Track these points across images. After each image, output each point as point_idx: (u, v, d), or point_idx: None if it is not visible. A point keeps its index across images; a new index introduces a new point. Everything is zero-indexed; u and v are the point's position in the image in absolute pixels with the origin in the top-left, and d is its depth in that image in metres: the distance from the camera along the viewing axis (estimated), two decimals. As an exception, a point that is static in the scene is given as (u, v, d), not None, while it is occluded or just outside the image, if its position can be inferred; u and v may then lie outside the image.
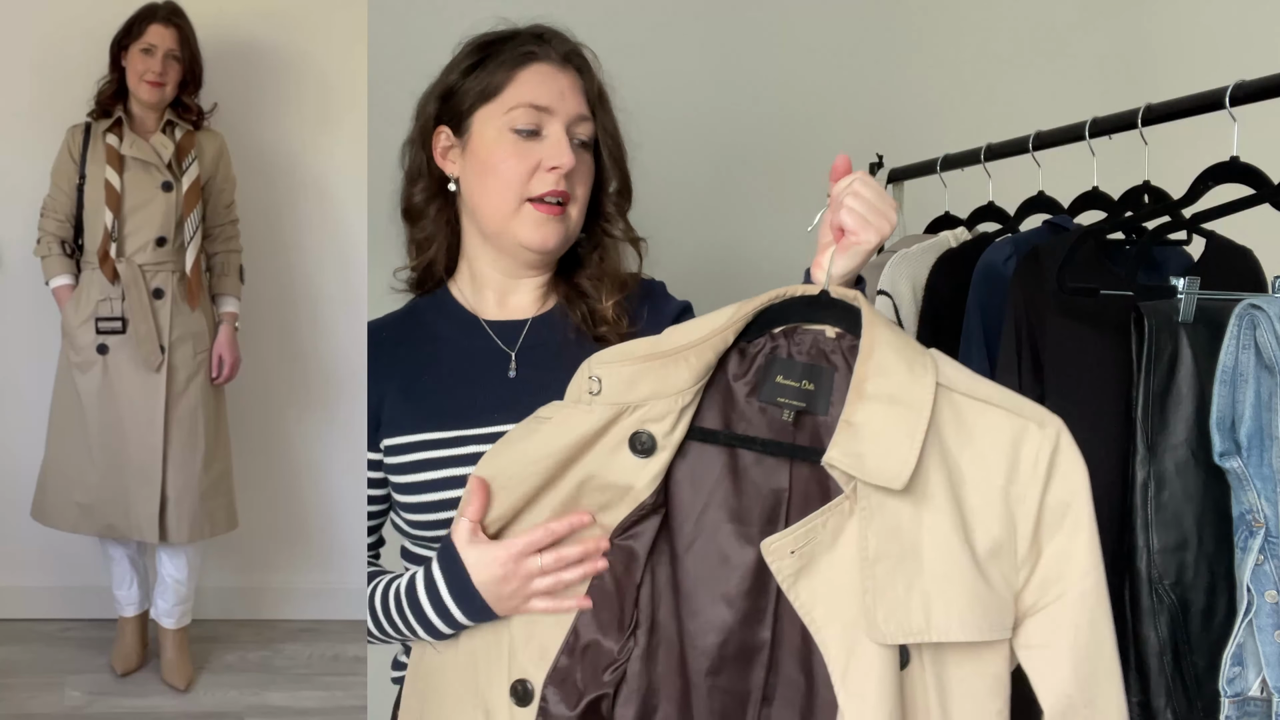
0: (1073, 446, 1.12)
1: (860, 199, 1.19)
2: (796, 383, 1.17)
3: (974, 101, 2.52)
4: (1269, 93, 1.35)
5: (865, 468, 1.08)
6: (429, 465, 1.36)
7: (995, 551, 1.09)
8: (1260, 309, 1.30)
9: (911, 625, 1.06)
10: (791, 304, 1.20)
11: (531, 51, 1.40)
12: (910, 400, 1.10)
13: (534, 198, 1.38)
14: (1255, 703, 1.33)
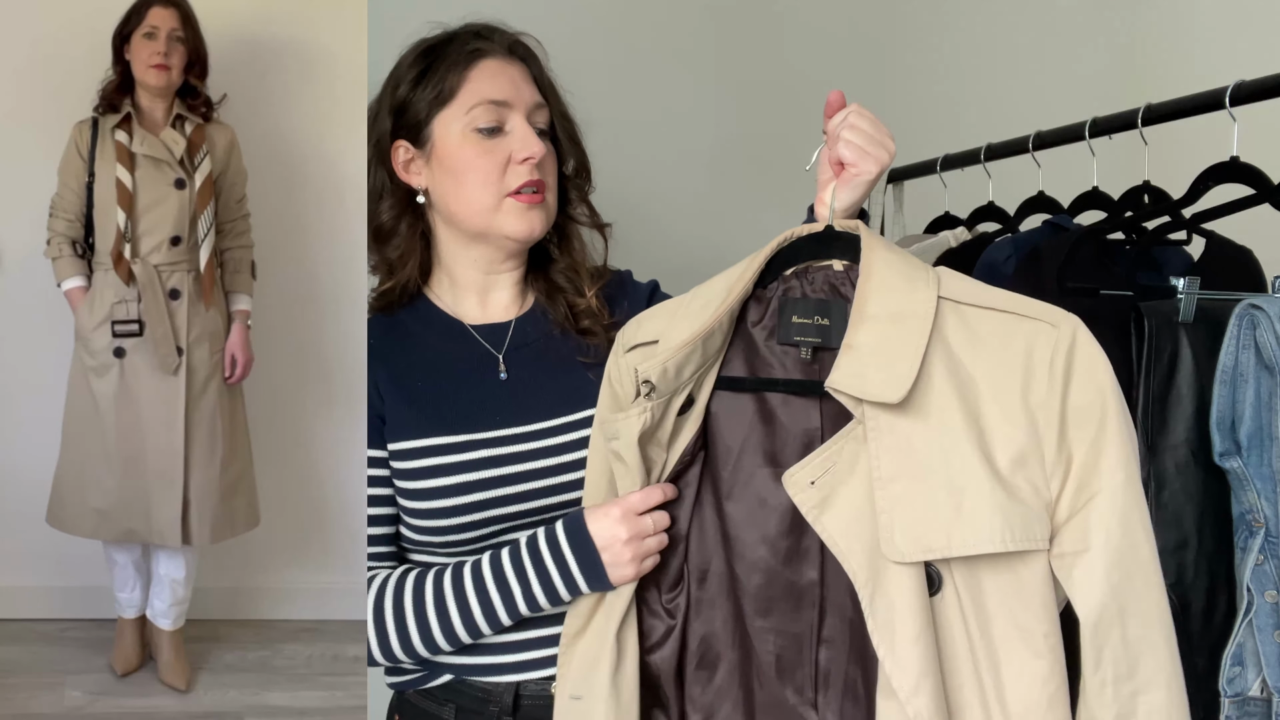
0: (1091, 342, 1.07)
1: (857, 130, 1.19)
2: (811, 319, 1.17)
3: (974, 101, 2.52)
4: (1269, 93, 1.35)
5: (866, 387, 1.06)
6: (437, 472, 1.35)
7: (1020, 460, 1.05)
8: (1260, 309, 1.30)
9: (931, 542, 1.03)
10: (800, 244, 1.21)
11: (478, 49, 1.40)
12: (910, 314, 1.08)
13: (512, 191, 1.38)
14: (1255, 703, 1.33)
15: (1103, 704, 1.05)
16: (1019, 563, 1.05)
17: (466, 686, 1.37)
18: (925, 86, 2.55)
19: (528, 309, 1.47)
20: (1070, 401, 1.06)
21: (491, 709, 1.37)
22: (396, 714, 1.45)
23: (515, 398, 1.39)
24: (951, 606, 1.05)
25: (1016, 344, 1.07)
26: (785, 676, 1.18)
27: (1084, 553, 1.05)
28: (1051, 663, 1.05)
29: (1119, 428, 1.06)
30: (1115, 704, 1.05)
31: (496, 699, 1.36)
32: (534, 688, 1.36)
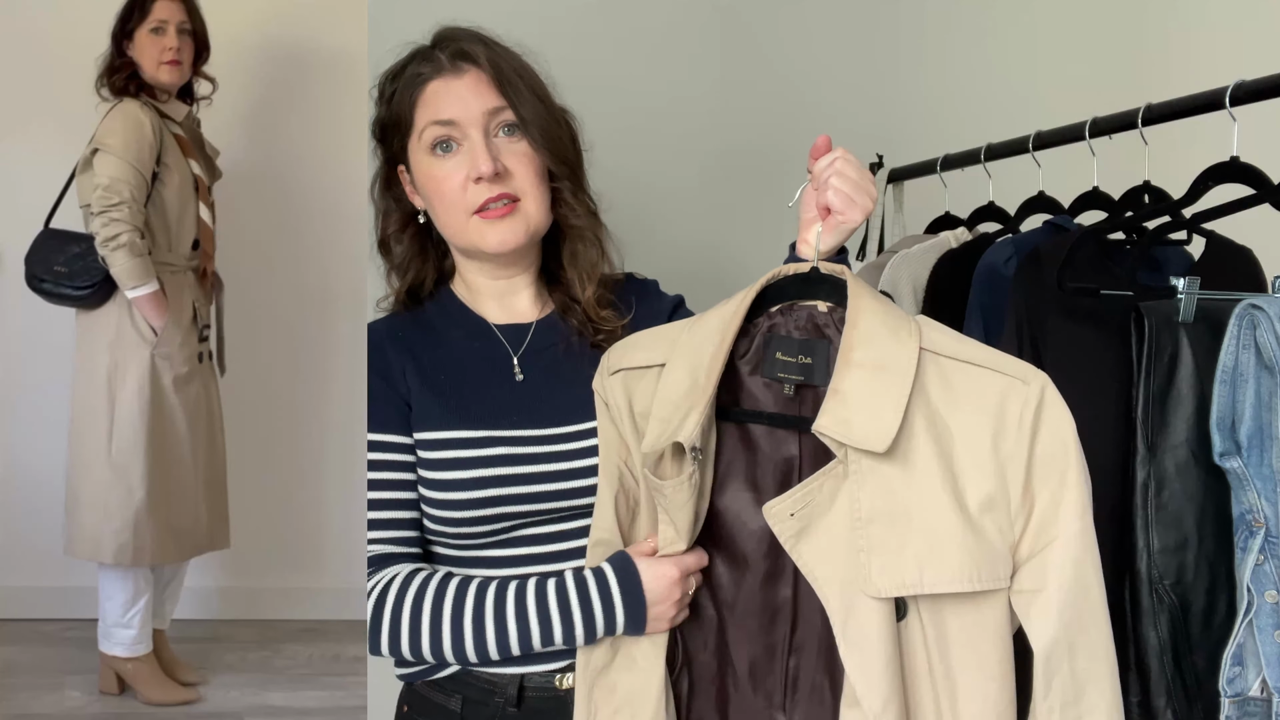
0: (1058, 399, 1.15)
1: (845, 179, 1.24)
2: (794, 358, 1.23)
3: (974, 101, 2.52)
4: (1269, 93, 1.35)
5: (852, 434, 1.13)
6: (458, 464, 1.37)
7: (988, 506, 1.13)
8: (1260, 309, 1.30)
9: (905, 579, 1.11)
10: (786, 283, 1.27)
11: (420, 73, 1.41)
12: (894, 366, 1.15)
13: (477, 209, 1.39)
14: (1255, 703, 1.33)
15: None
16: (981, 599, 1.14)
17: (473, 678, 1.40)
18: (925, 86, 2.55)
19: (548, 313, 1.49)
20: (1036, 453, 1.14)
21: (496, 700, 1.39)
22: (405, 705, 1.47)
23: (529, 401, 1.41)
24: (915, 633, 1.15)
25: (990, 398, 1.15)
26: (757, 682, 1.26)
27: (1040, 591, 1.14)
28: (1002, 685, 1.15)
29: (1078, 479, 1.15)
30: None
31: (501, 690, 1.39)
32: (538, 680, 1.39)
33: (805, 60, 2.50)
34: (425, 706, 1.43)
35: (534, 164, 1.41)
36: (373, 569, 1.36)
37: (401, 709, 1.48)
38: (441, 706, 1.41)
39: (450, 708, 1.40)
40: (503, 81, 1.40)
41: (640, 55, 2.37)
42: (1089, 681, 1.15)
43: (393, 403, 1.40)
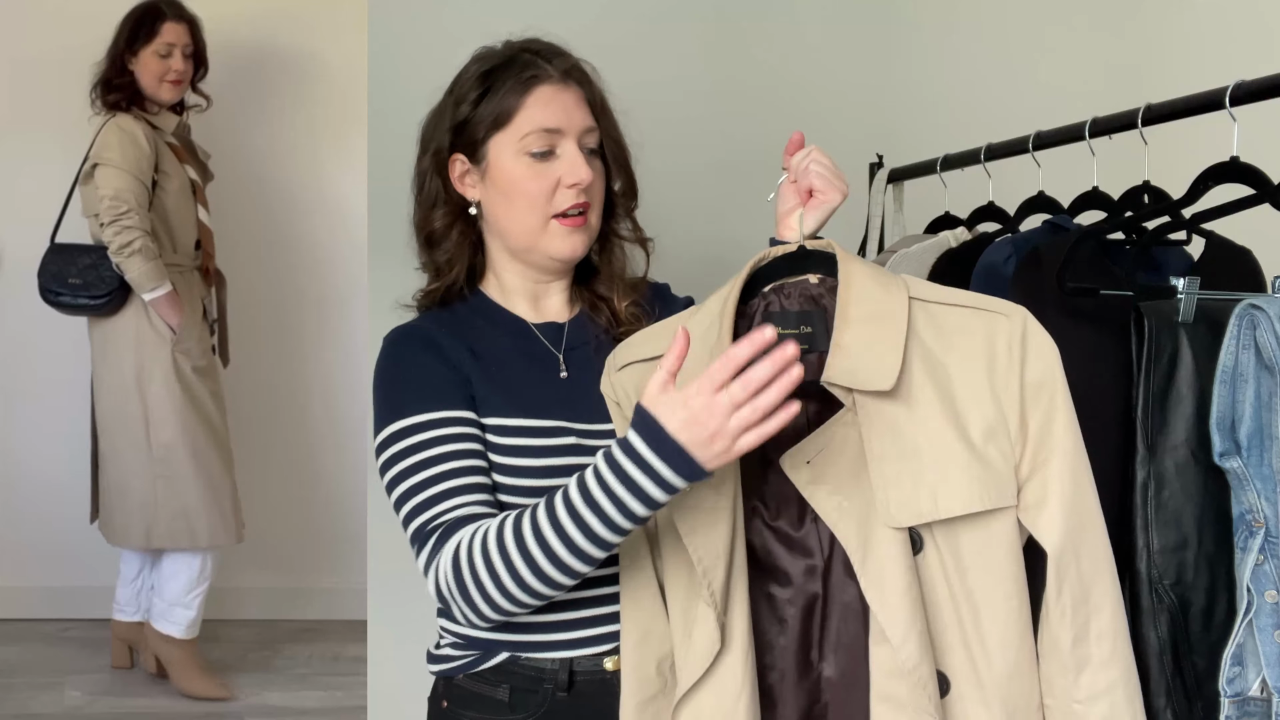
0: (1039, 329, 1.26)
1: (821, 164, 1.37)
2: (795, 329, 1.30)
3: (974, 101, 2.52)
4: (1269, 93, 1.35)
5: (858, 379, 1.22)
6: (530, 451, 1.39)
7: (989, 433, 1.23)
8: (1260, 309, 1.30)
9: (921, 508, 1.20)
10: (775, 263, 1.35)
11: (534, 76, 1.44)
12: (888, 314, 1.25)
13: (558, 214, 1.44)
14: (1255, 703, 1.33)
15: (1063, 626, 1.24)
16: (991, 519, 1.23)
17: (519, 666, 1.41)
18: (925, 86, 2.55)
19: (577, 313, 1.53)
20: (1027, 379, 1.24)
21: (546, 686, 1.41)
22: (445, 700, 1.47)
23: (575, 397, 1.44)
24: (934, 563, 1.23)
25: (978, 334, 1.25)
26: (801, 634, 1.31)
27: (1045, 503, 1.24)
28: (1020, 599, 1.24)
29: (1065, 399, 1.25)
30: (1073, 626, 1.24)
31: (551, 676, 1.41)
32: (587, 664, 1.41)
33: (805, 60, 2.50)
34: (469, 699, 1.44)
35: (602, 185, 1.48)
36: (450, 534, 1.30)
37: (440, 704, 1.47)
38: (488, 697, 1.42)
39: (498, 697, 1.42)
40: (597, 105, 1.48)
41: (639, 56, 2.37)
42: (1094, 581, 1.25)
43: (455, 381, 1.41)
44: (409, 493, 1.35)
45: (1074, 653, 1.24)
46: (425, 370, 1.41)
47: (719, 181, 2.45)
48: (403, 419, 1.38)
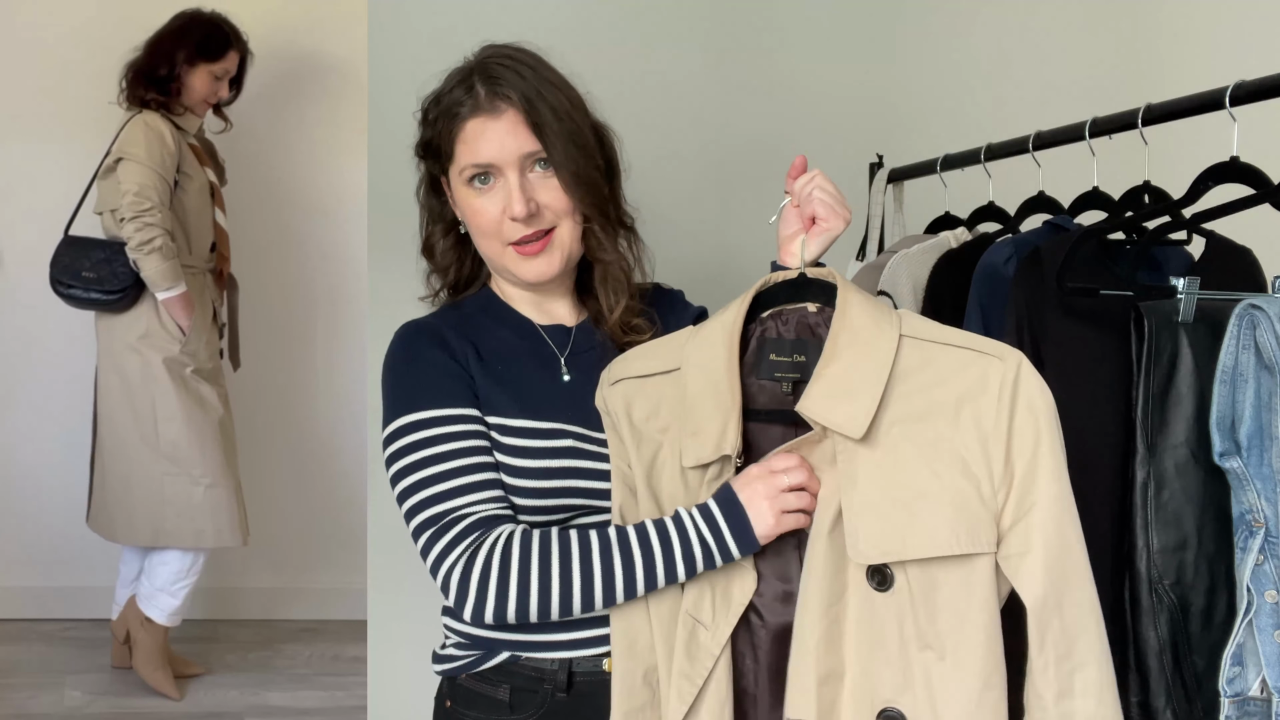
0: (1033, 374, 1.24)
1: (825, 191, 1.36)
2: (789, 357, 1.31)
3: (974, 101, 2.52)
4: (1269, 93, 1.35)
5: (832, 419, 1.23)
6: (532, 452, 1.40)
7: (969, 475, 1.21)
8: (1260, 309, 1.30)
9: (889, 547, 1.20)
10: (776, 289, 1.35)
11: (458, 110, 1.42)
12: (873, 355, 1.24)
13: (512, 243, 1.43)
14: (1255, 703, 1.33)
15: (1046, 682, 1.21)
16: (968, 563, 1.21)
17: (520, 666, 1.42)
18: (925, 86, 2.55)
19: (584, 318, 1.53)
20: (1015, 425, 1.22)
21: (545, 687, 1.42)
22: (448, 699, 1.48)
23: (578, 401, 1.44)
24: (903, 601, 1.21)
25: (971, 375, 1.23)
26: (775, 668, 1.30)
27: (1027, 553, 1.21)
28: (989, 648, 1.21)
29: (1052, 446, 1.22)
30: (1057, 681, 1.21)
31: (550, 677, 1.42)
32: (586, 664, 1.42)
33: (805, 60, 2.50)
34: (471, 699, 1.45)
35: (566, 196, 1.44)
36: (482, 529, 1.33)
37: (444, 704, 1.49)
38: (489, 697, 1.43)
39: (498, 697, 1.43)
40: (537, 124, 1.41)
41: (638, 56, 2.37)
42: (1079, 635, 1.22)
43: (462, 380, 1.41)
44: (422, 483, 1.36)
45: (1057, 707, 1.21)
46: (437, 366, 1.41)
47: (719, 181, 2.45)
48: (416, 412, 1.39)
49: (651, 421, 1.36)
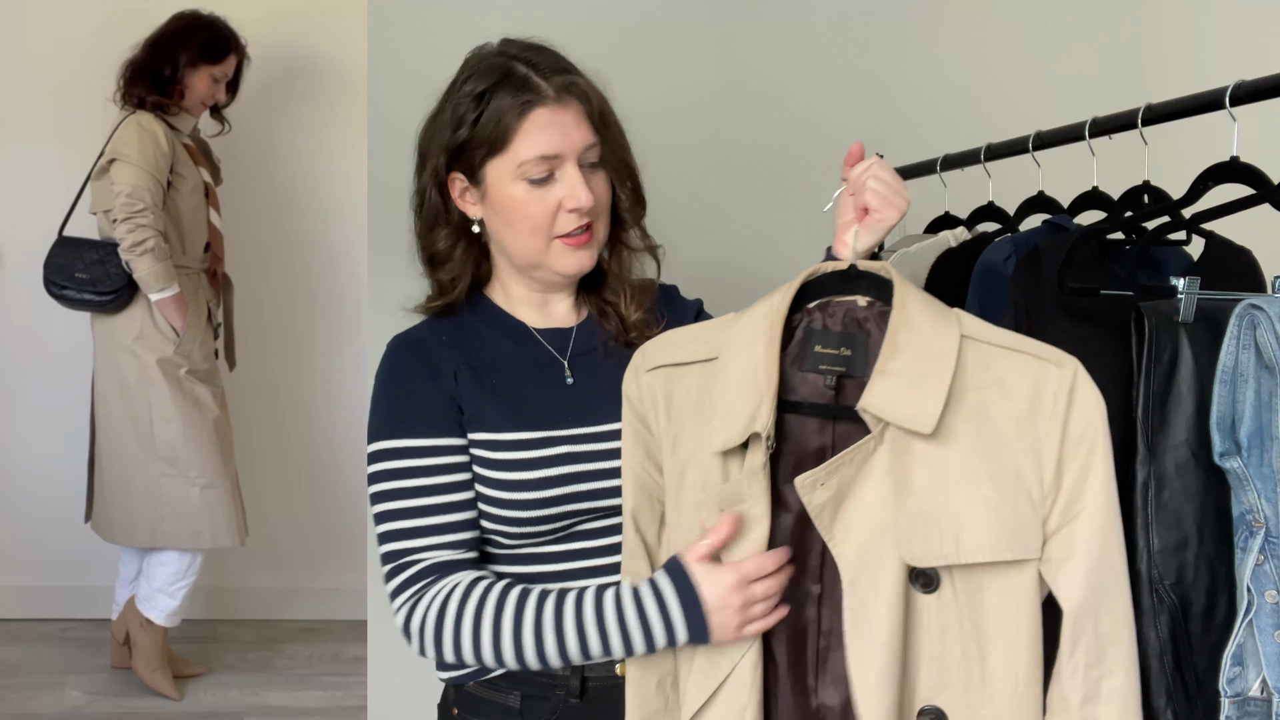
0: (1089, 382, 1.23)
1: (881, 181, 1.34)
2: (835, 349, 1.28)
3: (974, 101, 2.52)
4: (1269, 93, 1.35)
5: (898, 414, 1.20)
6: (521, 465, 1.38)
7: (1022, 480, 1.21)
8: (1260, 309, 1.30)
9: (943, 550, 1.19)
10: (824, 279, 1.32)
11: (529, 100, 1.39)
12: (938, 352, 1.22)
13: (561, 235, 1.42)
14: (1255, 703, 1.33)
15: (1074, 685, 1.22)
16: (1013, 569, 1.21)
17: (530, 674, 1.40)
18: (926, 86, 2.55)
19: (585, 318, 1.52)
20: (1069, 432, 1.22)
21: (558, 693, 1.41)
22: (455, 707, 1.47)
23: (581, 401, 1.43)
24: (948, 603, 1.21)
25: (1027, 380, 1.23)
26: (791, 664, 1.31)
27: (1069, 560, 1.22)
28: (1031, 651, 1.22)
29: (1104, 455, 1.23)
30: (1084, 686, 1.22)
31: (562, 683, 1.41)
32: (599, 669, 1.41)
33: (805, 60, 2.50)
34: (479, 706, 1.44)
35: (606, 196, 1.45)
36: (434, 576, 1.35)
37: (450, 711, 1.47)
38: (499, 704, 1.42)
39: (509, 704, 1.42)
40: (597, 119, 1.43)
41: (637, 56, 2.37)
42: (1111, 644, 1.23)
43: (441, 404, 1.40)
44: (392, 515, 1.37)
45: (1082, 711, 1.22)
46: (419, 390, 1.40)
47: (719, 181, 2.45)
48: (396, 438, 1.39)
49: (691, 414, 1.33)
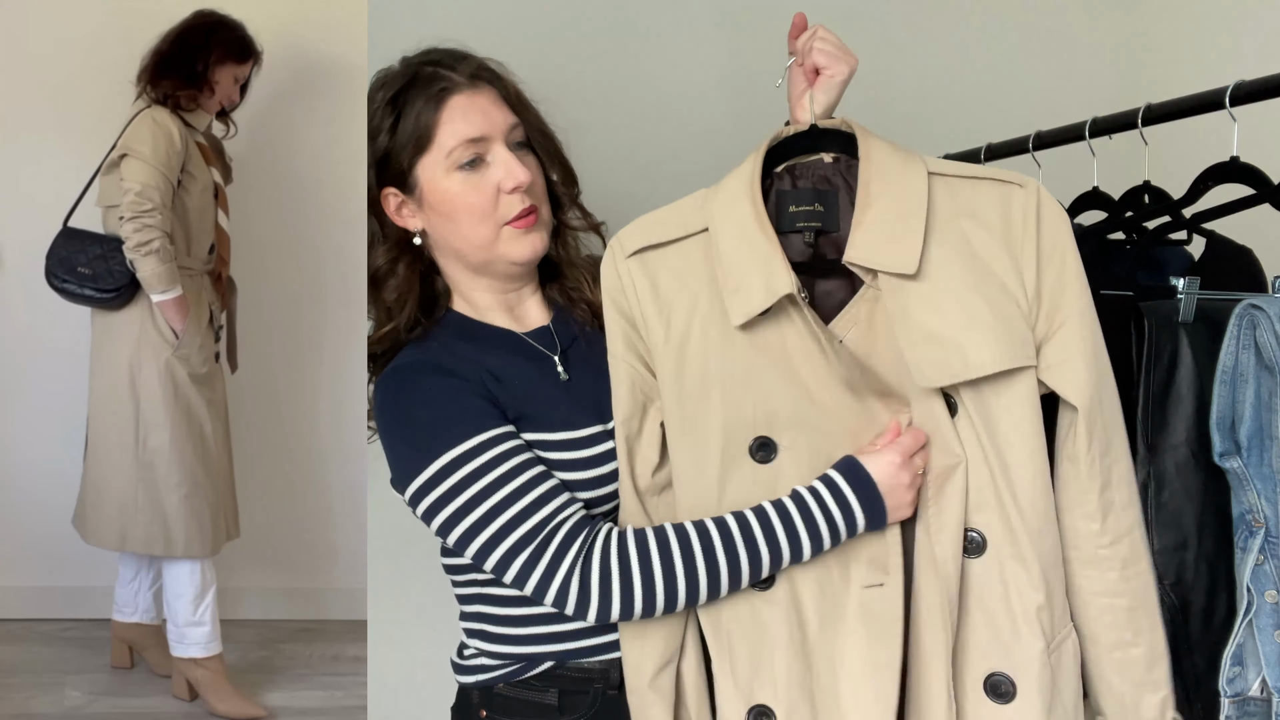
0: (1050, 197, 1.30)
1: (826, 41, 1.35)
2: (809, 206, 1.32)
3: (974, 101, 2.52)
4: (1269, 93, 1.35)
5: (880, 260, 1.25)
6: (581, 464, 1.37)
7: (1008, 295, 1.27)
8: (1260, 309, 1.30)
9: (953, 369, 1.24)
10: (788, 141, 1.35)
11: (443, 89, 1.39)
12: (909, 193, 1.28)
13: (508, 220, 1.40)
14: (1255, 703, 1.33)
15: (1093, 475, 1.29)
16: (1014, 379, 1.26)
17: (565, 670, 1.40)
18: (926, 86, 2.55)
19: (555, 313, 1.50)
20: (1042, 245, 1.28)
21: (596, 686, 1.40)
22: (483, 709, 1.44)
23: (579, 398, 1.41)
24: (966, 425, 1.27)
25: (995, 202, 1.29)
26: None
27: (1068, 360, 1.28)
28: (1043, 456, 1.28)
29: (1075, 261, 1.29)
30: (1101, 473, 1.29)
31: (600, 676, 1.40)
32: None
33: (805, 60, 2.50)
34: (513, 706, 1.42)
35: (541, 176, 1.44)
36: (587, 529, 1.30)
37: (477, 714, 1.44)
38: (535, 703, 1.41)
39: (546, 702, 1.40)
40: (514, 99, 1.43)
41: (637, 57, 2.37)
42: (1113, 432, 1.30)
43: (486, 399, 1.36)
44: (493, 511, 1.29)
45: (1101, 499, 1.29)
46: (453, 394, 1.35)
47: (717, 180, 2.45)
48: (451, 449, 1.31)
49: (680, 293, 1.32)
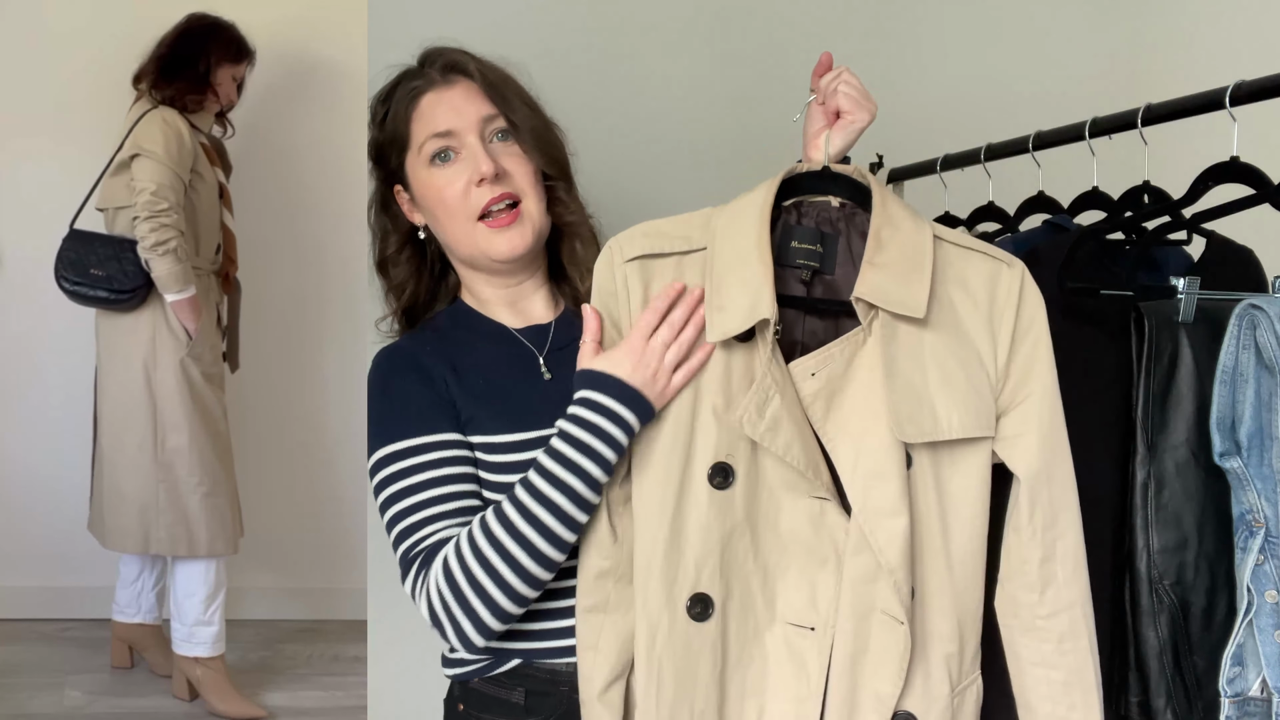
0: (1032, 281, 1.37)
1: (850, 85, 1.39)
2: (810, 245, 1.36)
3: (974, 101, 2.52)
4: (1269, 93, 1.35)
5: (890, 300, 1.30)
6: (513, 467, 1.37)
7: (981, 366, 1.32)
8: (1260, 309, 1.30)
9: (925, 426, 1.28)
10: (800, 179, 1.38)
11: (415, 87, 1.45)
12: (919, 247, 1.33)
13: (481, 215, 1.42)
14: (1255, 703, 1.33)
15: (1033, 546, 1.33)
16: (973, 446, 1.32)
17: (534, 669, 1.41)
18: (926, 86, 2.55)
19: (562, 311, 1.52)
20: (1019, 323, 1.34)
21: (561, 688, 1.41)
22: (461, 703, 1.47)
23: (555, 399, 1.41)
24: (919, 479, 1.31)
25: (984, 276, 1.35)
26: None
27: (1024, 435, 1.32)
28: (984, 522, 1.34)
29: (1046, 343, 1.35)
30: (1042, 546, 1.33)
31: (566, 679, 1.40)
32: None
33: (804, 60, 2.50)
34: (485, 703, 1.44)
35: (529, 166, 1.45)
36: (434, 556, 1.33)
37: (456, 708, 1.47)
38: (504, 700, 1.42)
39: (513, 700, 1.42)
40: (492, 89, 1.45)
41: (637, 57, 2.37)
42: (1061, 508, 1.33)
43: (441, 405, 1.40)
44: (396, 517, 1.37)
45: (1041, 571, 1.33)
46: (411, 394, 1.40)
47: (720, 181, 2.45)
48: (393, 443, 1.38)
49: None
